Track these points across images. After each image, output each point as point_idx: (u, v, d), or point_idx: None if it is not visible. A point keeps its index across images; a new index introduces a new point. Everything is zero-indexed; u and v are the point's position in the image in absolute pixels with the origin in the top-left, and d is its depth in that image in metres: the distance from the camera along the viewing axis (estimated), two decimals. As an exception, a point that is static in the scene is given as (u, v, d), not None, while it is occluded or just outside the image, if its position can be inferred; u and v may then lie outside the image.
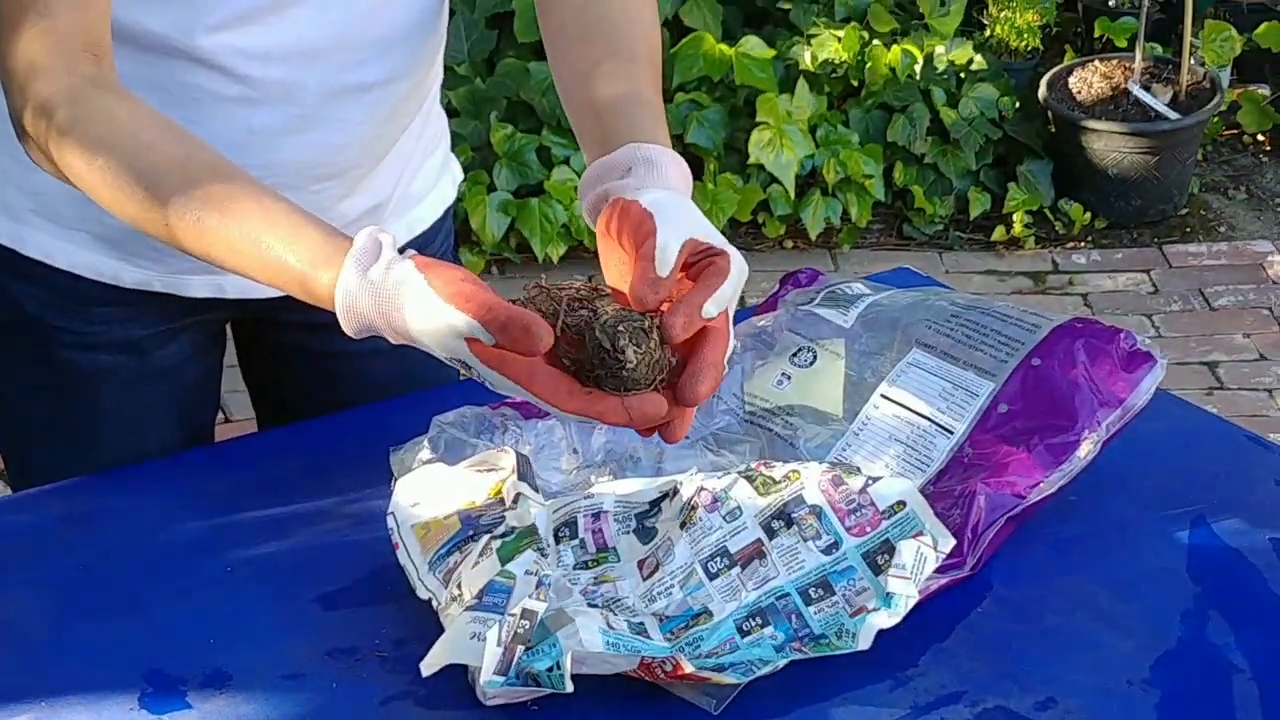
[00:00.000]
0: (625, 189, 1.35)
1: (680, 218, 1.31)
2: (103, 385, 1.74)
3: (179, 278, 1.68)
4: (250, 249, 1.31)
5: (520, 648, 1.27)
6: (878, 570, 1.37)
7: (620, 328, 1.23)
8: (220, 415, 1.95)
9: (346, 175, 1.65)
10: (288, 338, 1.83)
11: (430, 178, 1.81)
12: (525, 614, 1.28)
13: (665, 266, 1.26)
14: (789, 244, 4.44)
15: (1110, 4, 4.87)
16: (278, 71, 1.54)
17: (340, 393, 1.81)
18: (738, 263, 1.29)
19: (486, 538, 1.38)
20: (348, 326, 1.29)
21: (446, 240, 1.88)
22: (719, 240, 1.31)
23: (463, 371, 1.26)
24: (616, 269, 1.34)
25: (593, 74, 1.47)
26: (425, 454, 1.51)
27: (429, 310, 1.24)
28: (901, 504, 1.40)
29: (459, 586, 1.35)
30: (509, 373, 1.22)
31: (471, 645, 1.28)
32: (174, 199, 1.33)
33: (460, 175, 1.88)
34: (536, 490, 1.43)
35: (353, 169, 1.65)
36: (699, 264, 1.29)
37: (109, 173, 1.35)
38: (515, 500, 1.40)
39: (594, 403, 1.23)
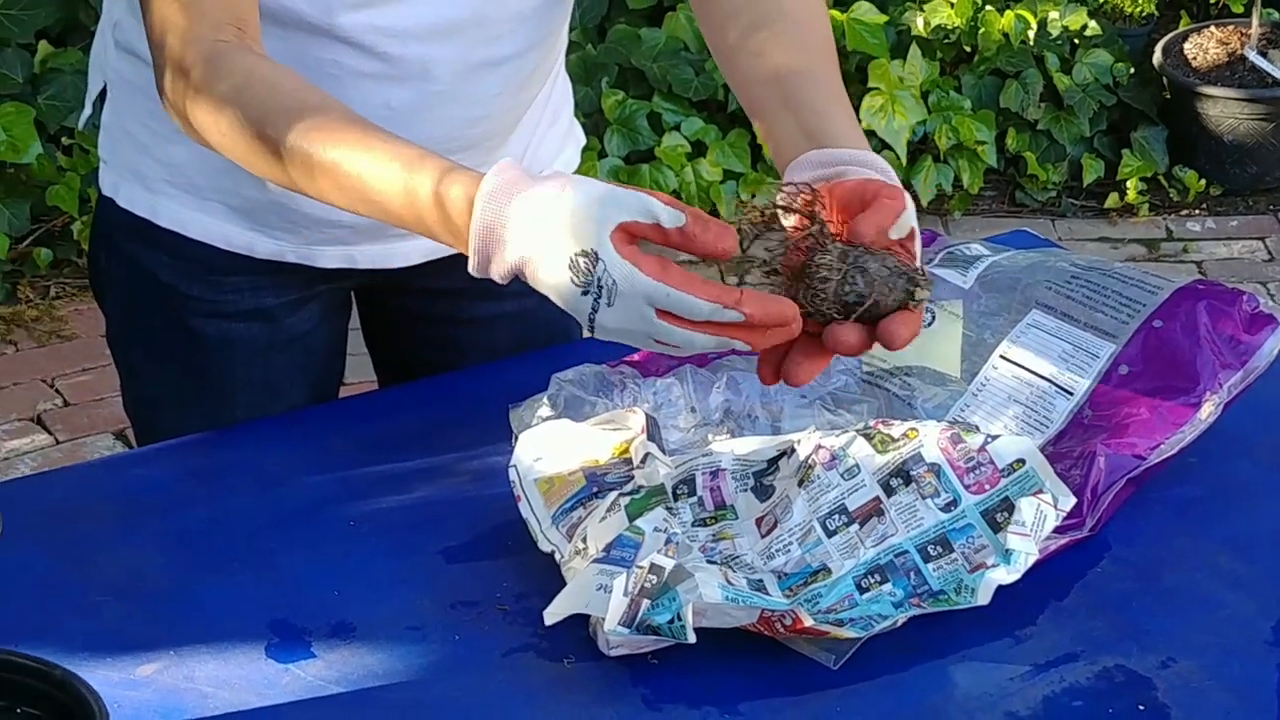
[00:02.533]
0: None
1: None
2: (234, 353, 1.76)
3: (312, 249, 1.70)
4: (388, 179, 1.31)
5: (645, 601, 1.28)
6: (996, 528, 1.37)
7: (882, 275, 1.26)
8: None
9: (480, 147, 1.66)
10: (413, 304, 1.85)
11: (556, 144, 1.81)
12: (653, 568, 1.29)
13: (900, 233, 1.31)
14: (900, 211, 4.42)
15: (1227, -31, 4.81)
16: (415, 49, 1.56)
17: (461, 359, 1.83)
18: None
19: (614, 494, 1.39)
20: (480, 220, 1.26)
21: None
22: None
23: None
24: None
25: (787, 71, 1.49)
26: (544, 411, 1.52)
27: (597, 188, 1.22)
28: (1021, 462, 1.39)
29: (584, 540, 1.36)
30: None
31: (597, 596, 1.29)
32: (310, 137, 1.34)
33: (583, 140, 1.88)
34: (664, 451, 1.45)
35: (486, 141, 1.66)
36: None
37: (238, 121, 1.37)
38: (644, 460, 1.42)
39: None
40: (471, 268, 1.28)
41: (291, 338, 1.78)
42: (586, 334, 1.27)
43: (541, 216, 1.23)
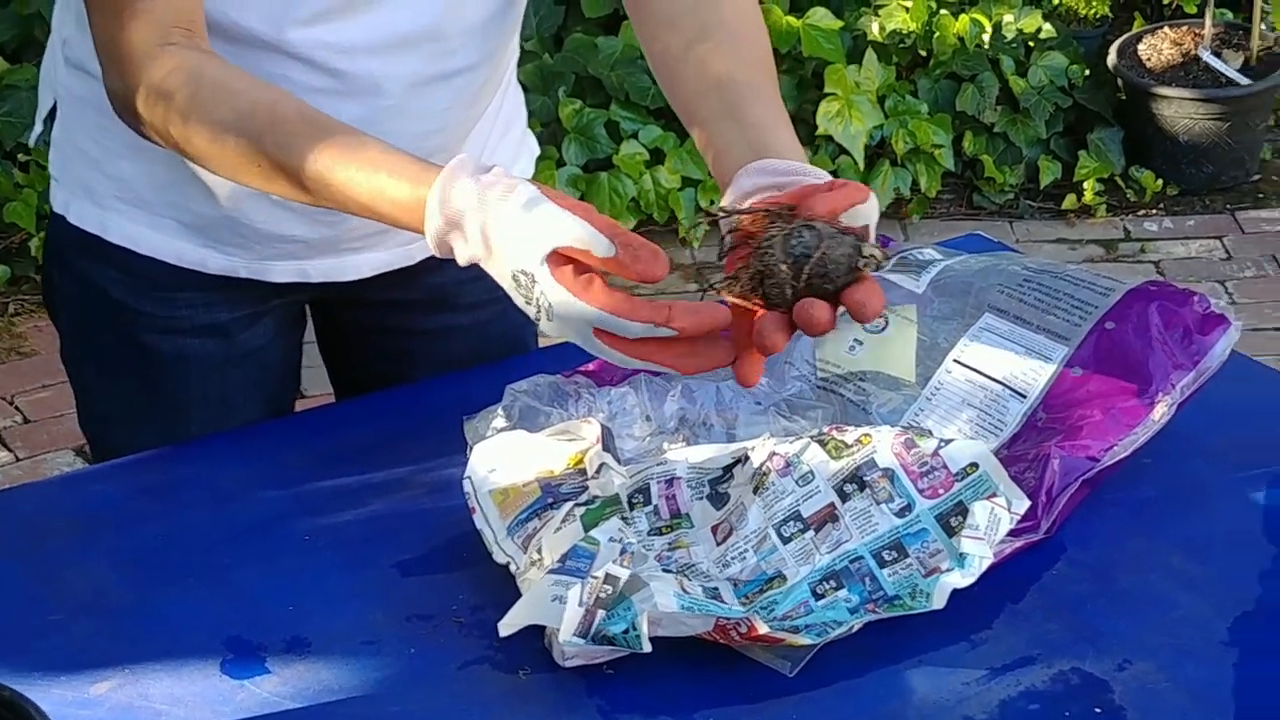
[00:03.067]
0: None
1: None
2: (188, 369, 1.76)
3: (264, 264, 1.70)
4: (352, 168, 1.36)
5: (601, 611, 1.28)
6: (951, 532, 1.37)
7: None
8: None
9: (431, 159, 1.66)
10: (366, 316, 1.85)
11: (509, 155, 1.81)
12: (608, 578, 1.29)
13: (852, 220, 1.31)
14: (858, 215, 4.42)
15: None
16: (366, 65, 1.56)
17: (416, 371, 1.82)
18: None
19: (569, 505, 1.39)
20: (433, 219, 1.31)
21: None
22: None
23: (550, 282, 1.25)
24: None
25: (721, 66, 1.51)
26: (499, 422, 1.52)
27: (542, 210, 1.26)
28: (974, 466, 1.40)
29: (539, 551, 1.36)
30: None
31: (552, 607, 1.29)
32: (315, 157, 1.38)
33: (537, 150, 1.87)
34: (619, 461, 1.44)
35: (437, 154, 1.65)
36: None
37: (231, 141, 1.41)
38: (599, 470, 1.42)
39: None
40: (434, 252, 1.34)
41: (246, 353, 1.77)
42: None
43: (481, 232, 1.29)
